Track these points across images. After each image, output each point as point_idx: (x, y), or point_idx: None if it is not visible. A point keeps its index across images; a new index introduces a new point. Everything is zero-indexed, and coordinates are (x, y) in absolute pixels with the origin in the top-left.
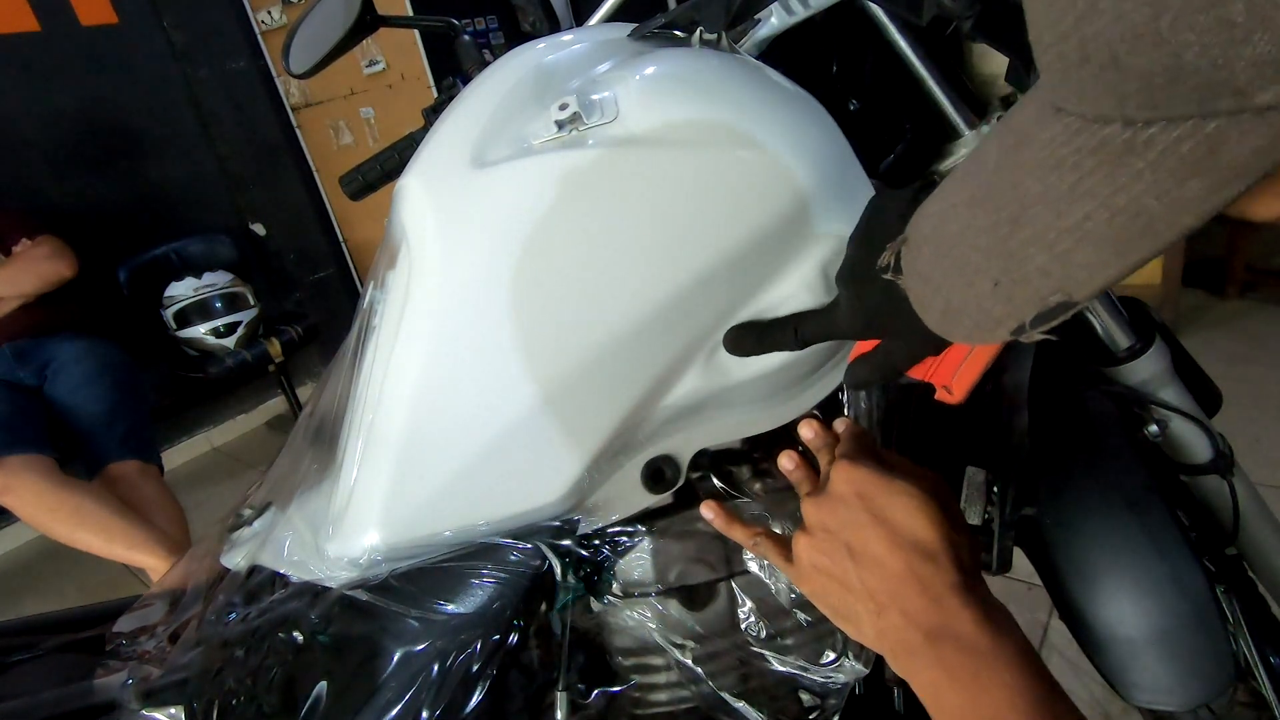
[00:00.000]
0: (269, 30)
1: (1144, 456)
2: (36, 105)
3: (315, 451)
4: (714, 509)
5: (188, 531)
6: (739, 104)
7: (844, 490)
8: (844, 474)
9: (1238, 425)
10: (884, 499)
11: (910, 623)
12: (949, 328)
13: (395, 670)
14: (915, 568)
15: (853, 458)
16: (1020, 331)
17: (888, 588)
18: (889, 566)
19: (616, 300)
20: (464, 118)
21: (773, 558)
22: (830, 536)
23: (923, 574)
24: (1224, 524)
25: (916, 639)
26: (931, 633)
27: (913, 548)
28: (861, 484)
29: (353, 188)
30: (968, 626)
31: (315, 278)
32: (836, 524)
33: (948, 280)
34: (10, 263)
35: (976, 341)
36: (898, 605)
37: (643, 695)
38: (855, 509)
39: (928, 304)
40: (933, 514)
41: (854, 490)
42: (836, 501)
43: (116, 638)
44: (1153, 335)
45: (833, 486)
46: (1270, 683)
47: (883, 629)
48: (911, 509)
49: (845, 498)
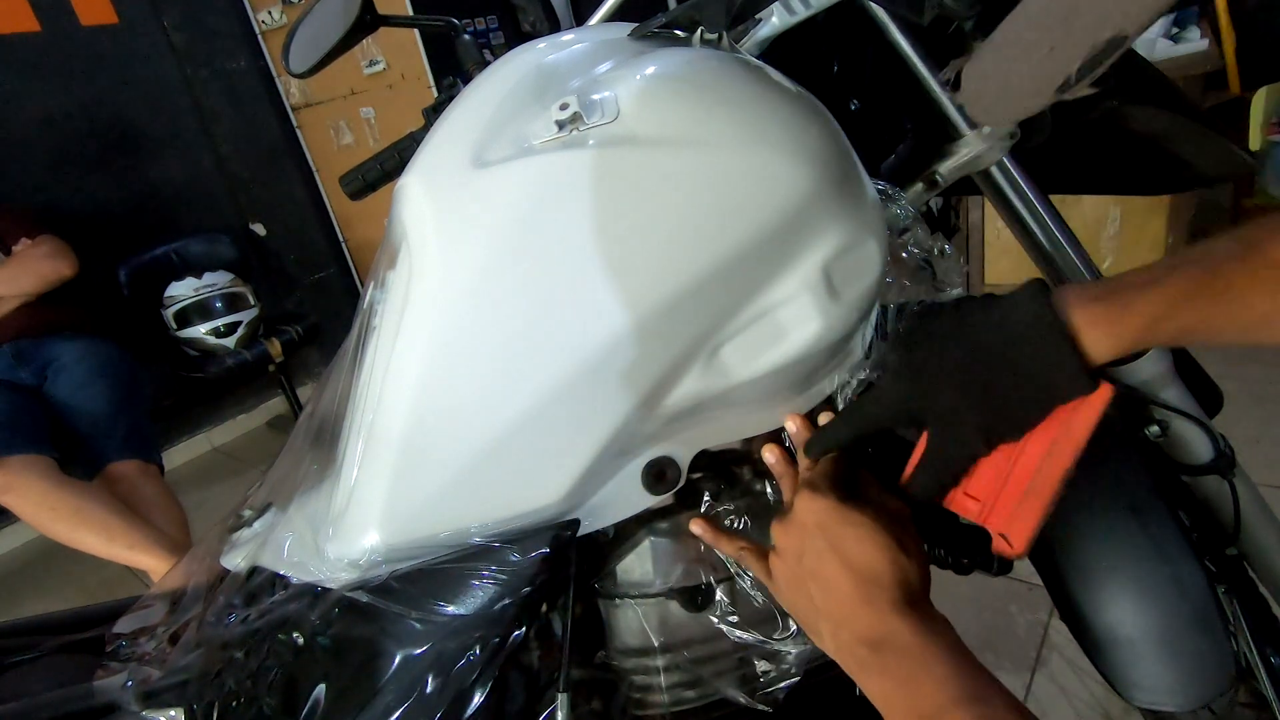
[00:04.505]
0: (269, 30)
1: (1145, 457)
2: (36, 105)
3: (315, 452)
4: (702, 525)
5: (188, 531)
6: (740, 104)
7: (805, 519)
8: (805, 503)
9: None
10: (838, 529)
11: (859, 638)
12: (1003, 108)
13: (396, 672)
14: (863, 590)
15: (814, 486)
16: (1067, 87)
17: (841, 609)
18: (842, 589)
19: (617, 300)
20: (464, 118)
21: (755, 570)
22: (795, 560)
23: (869, 595)
24: (1225, 524)
25: (864, 651)
26: (875, 644)
27: (860, 573)
28: (820, 514)
29: (353, 187)
30: (905, 636)
31: (315, 278)
32: (798, 549)
33: (1005, 65)
34: (10, 262)
35: (1023, 113)
36: (849, 624)
37: (643, 695)
38: (814, 537)
39: (983, 96)
40: (881, 542)
41: (814, 520)
42: (798, 528)
43: (116, 639)
44: None
45: (796, 514)
46: (1270, 683)
47: (839, 644)
48: (862, 539)
49: (806, 526)
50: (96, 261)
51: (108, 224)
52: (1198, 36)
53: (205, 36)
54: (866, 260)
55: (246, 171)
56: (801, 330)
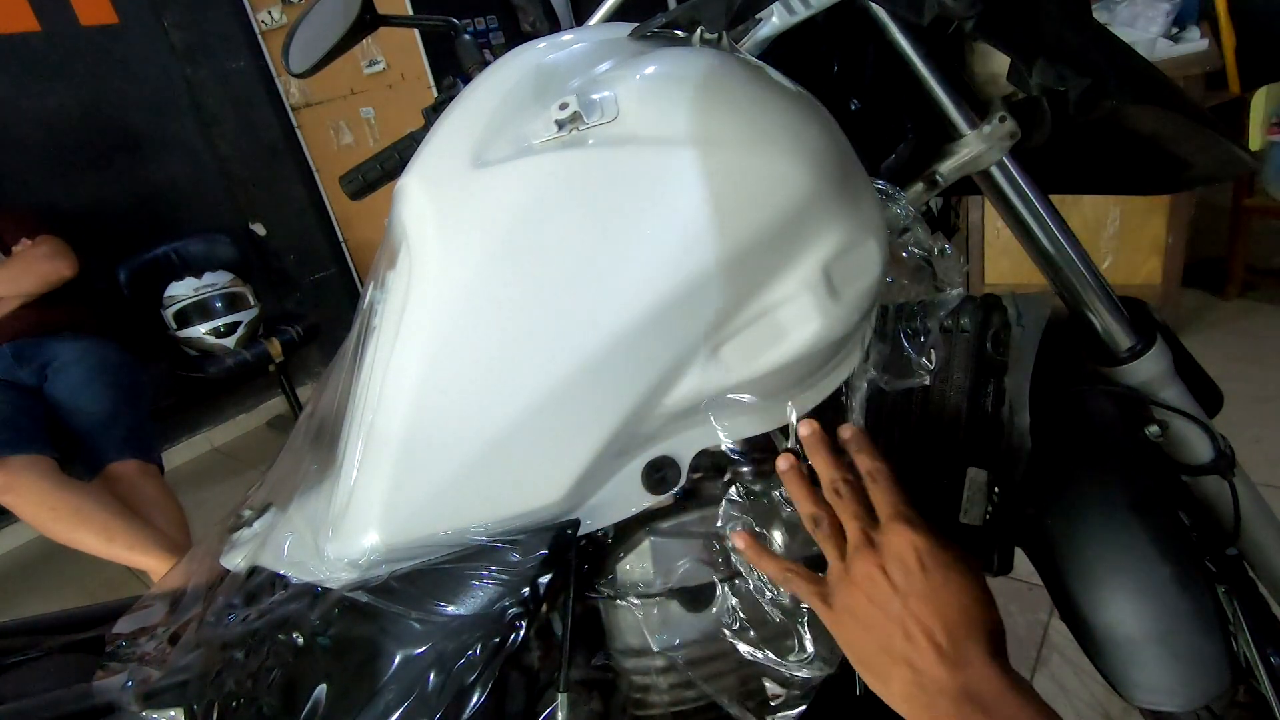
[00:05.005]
0: (269, 30)
1: (1145, 457)
2: (36, 105)
3: (315, 452)
4: (745, 540)
5: (188, 531)
6: (739, 104)
7: (906, 555)
8: (907, 538)
9: (1239, 425)
10: (942, 574)
11: (944, 690)
12: None
13: (396, 672)
14: (957, 641)
15: (912, 521)
16: None
17: (927, 658)
18: (935, 637)
19: (617, 300)
20: (464, 118)
21: (805, 595)
22: (884, 597)
23: (963, 647)
24: (1225, 524)
25: (947, 704)
26: (964, 698)
27: (958, 623)
28: (924, 554)
29: (353, 187)
30: (996, 691)
31: (315, 278)
32: (892, 588)
33: None
34: (10, 262)
35: None
36: (934, 674)
37: (643, 695)
38: (915, 577)
39: None
40: (978, 591)
41: (916, 559)
42: (896, 564)
43: (116, 639)
44: (1154, 335)
45: (893, 547)
46: (1270, 683)
47: (913, 693)
48: (964, 587)
49: (906, 564)
50: (96, 261)
51: (108, 224)
52: (1198, 36)
53: (205, 36)
54: (866, 260)
55: (246, 171)
56: (801, 330)
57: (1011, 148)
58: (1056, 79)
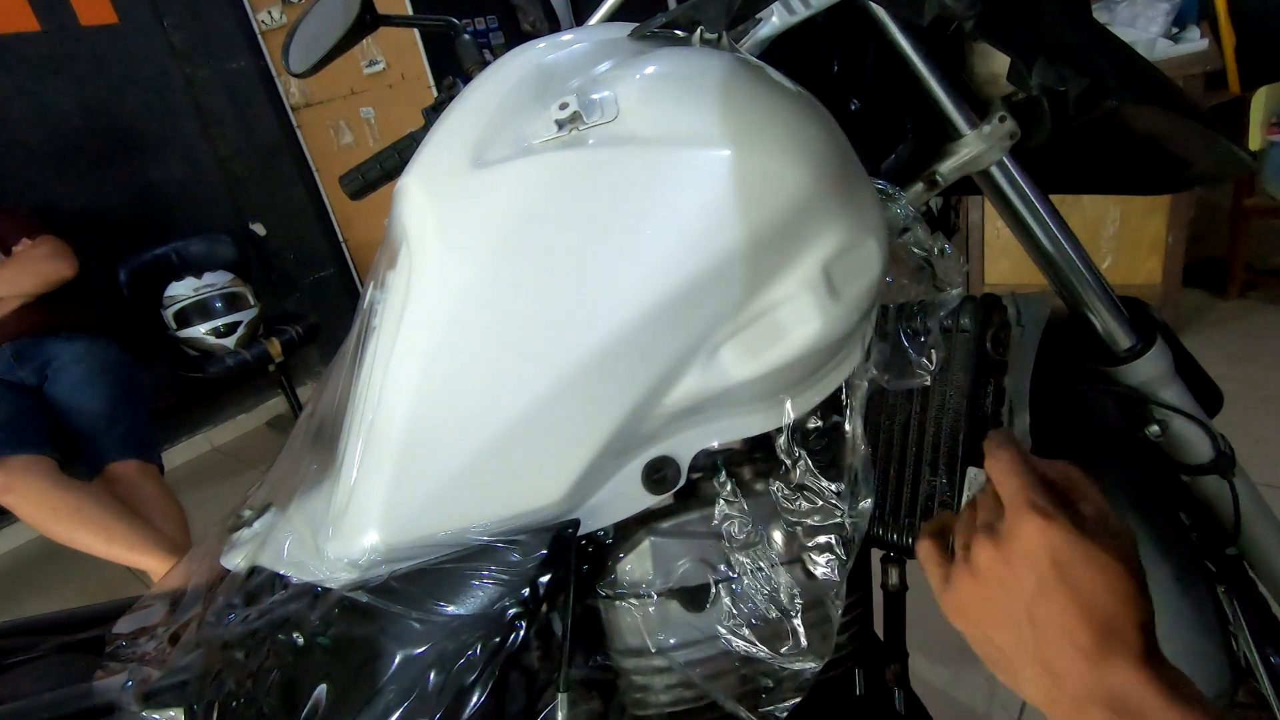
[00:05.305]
0: (269, 30)
1: (1145, 457)
2: (36, 105)
3: (315, 452)
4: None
5: (188, 532)
6: (740, 104)
7: (1036, 551)
8: (1038, 531)
9: (1239, 425)
10: (1081, 570)
11: (1092, 696)
12: None
13: (396, 672)
14: (1104, 642)
15: (1047, 513)
16: None
17: (1068, 661)
18: (1077, 639)
19: (617, 300)
20: (464, 117)
21: (931, 576)
22: (1007, 594)
23: (1110, 648)
24: (1225, 524)
25: (1098, 712)
26: (1115, 704)
27: (1104, 623)
28: (1058, 549)
29: (353, 187)
30: (1154, 697)
31: (315, 278)
32: (1018, 584)
33: None
34: (10, 263)
35: None
36: (1079, 679)
37: (643, 695)
38: (1047, 575)
39: None
40: (1129, 589)
41: (1049, 556)
42: (1022, 560)
43: (116, 639)
44: (1154, 335)
45: (1022, 541)
46: (1270, 683)
47: (1056, 698)
48: (1111, 584)
49: (1036, 560)
50: (96, 261)
51: (108, 224)
52: (1198, 36)
53: (205, 36)
54: (866, 260)
55: (246, 171)
56: (801, 329)
57: (1011, 148)
58: (1056, 79)
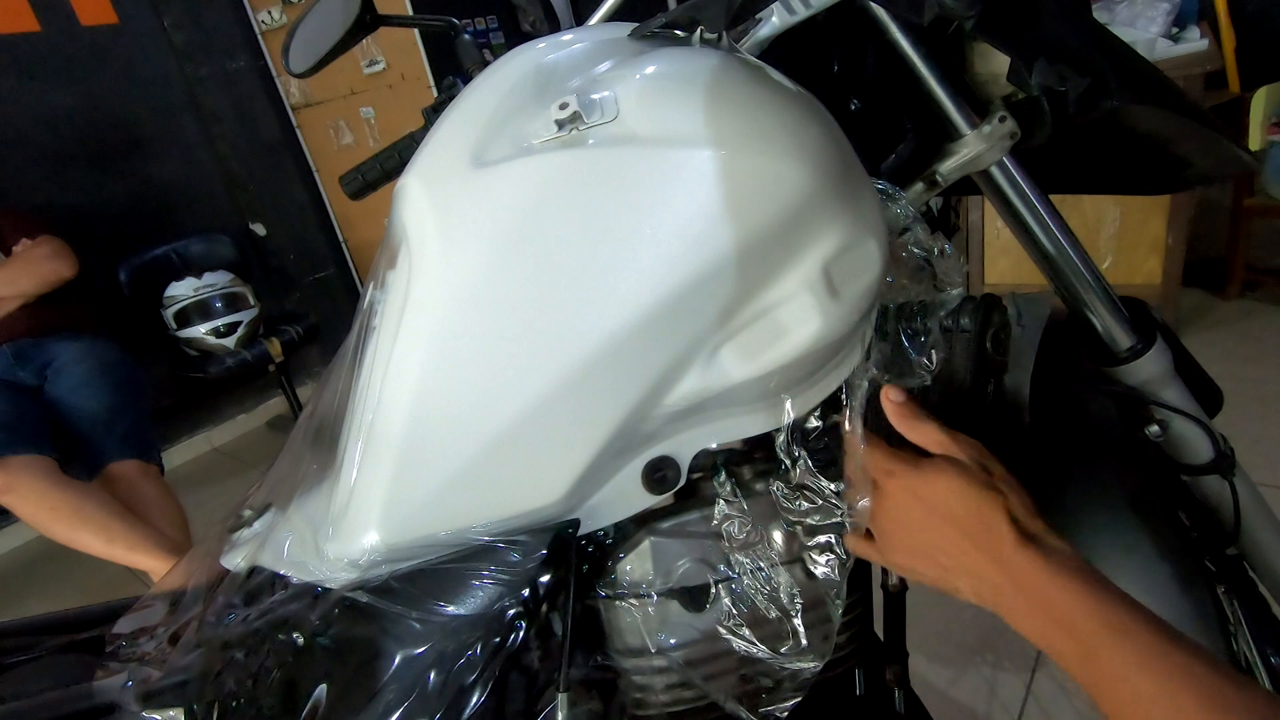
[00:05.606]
0: (269, 30)
1: (1145, 457)
2: (36, 105)
3: (315, 452)
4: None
5: (188, 532)
6: (740, 104)
7: (886, 485)
8: (896, 487)
9: (1239, 425)
10: (924, 487)
11: (994, 587)
12: None
13: (396, 672)
14: (977, 539)
15: (889, 470)
16: None
17: (965, 561)
18: (958, 544)
19: (617, 300)
20: (464, 117)
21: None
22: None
23: (985, 542)
24: (1225, 524)
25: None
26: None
27: (965, 522)
28: (916, 489)
29: (353, 187)
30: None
31: (315, 278)
32: (899, 521)
33: None
34: (10, 263)
35: None
36: (979, 574)
37: (643, 695)
38: (904, 503)
39: None
40: (971, 484)
41: (896, 486)
42: (885, 499)
43: (116, 639)
44: (1154, 335)
45: (881, 487)
46: (1270, 683)
47: (982, 597)
48: (952, 488)
49: (889, 494)
50: (96, 261)
51: (108, 224)
52: (1198, 36)
53: (205, 36)
54: (866, 259)
55: (246, 171)
56: (802, 329)
57: (1011, 148)
58: (1056, 79)
